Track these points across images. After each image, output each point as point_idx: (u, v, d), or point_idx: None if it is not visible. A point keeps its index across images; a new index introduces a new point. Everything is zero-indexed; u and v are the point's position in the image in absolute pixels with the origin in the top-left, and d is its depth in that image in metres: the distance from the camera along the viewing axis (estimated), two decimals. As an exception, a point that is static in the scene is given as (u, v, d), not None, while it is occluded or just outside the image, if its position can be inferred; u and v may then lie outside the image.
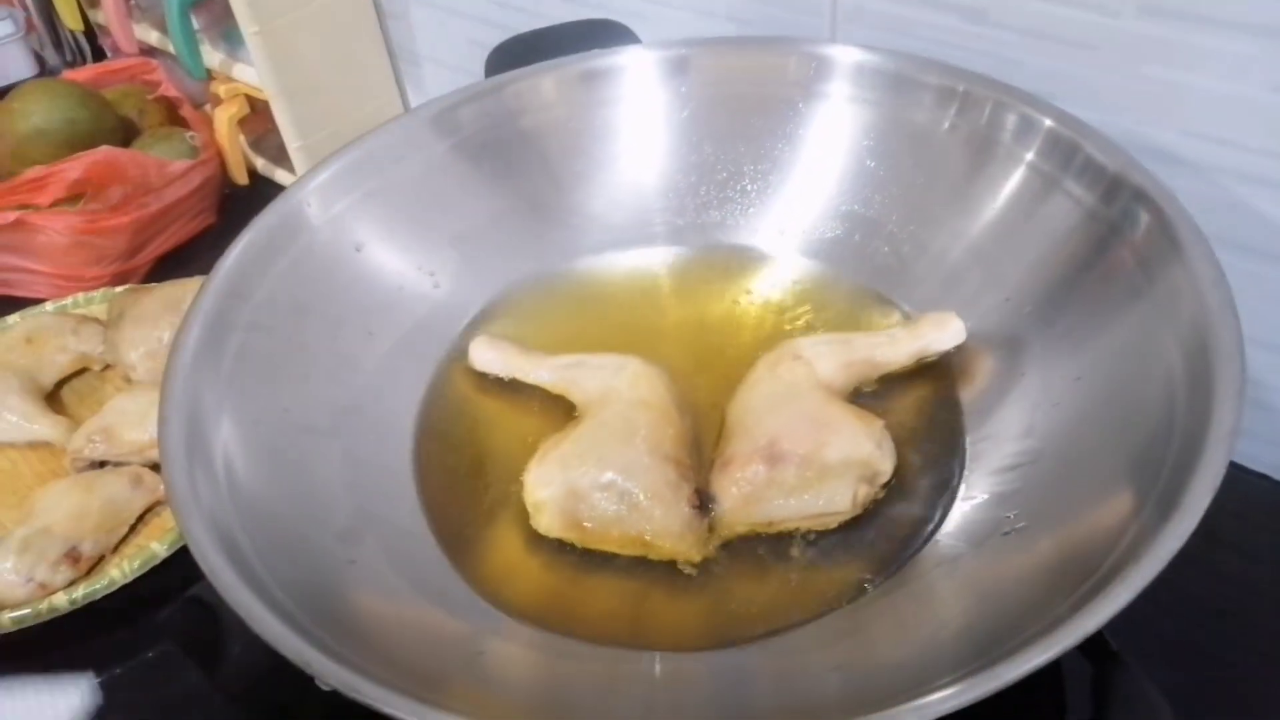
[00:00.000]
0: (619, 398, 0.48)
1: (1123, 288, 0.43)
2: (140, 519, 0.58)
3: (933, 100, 0.53)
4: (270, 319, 0.49)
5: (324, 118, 0.82)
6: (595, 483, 0.44)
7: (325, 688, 0.42)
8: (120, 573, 0.54)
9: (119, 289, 0.73)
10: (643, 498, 0.43)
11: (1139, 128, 0.50)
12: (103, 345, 0.68)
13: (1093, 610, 0.30)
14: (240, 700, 0.50)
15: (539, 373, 0.51)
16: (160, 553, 0.55)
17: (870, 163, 0.55)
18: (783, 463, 0.43)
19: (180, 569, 0.55)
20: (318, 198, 0.54)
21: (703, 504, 0.44)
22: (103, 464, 0.60)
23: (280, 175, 0.87)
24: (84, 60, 1.03)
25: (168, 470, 0.39)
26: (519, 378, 0.52)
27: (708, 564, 0.43)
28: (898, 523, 0.44)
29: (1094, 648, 0.34)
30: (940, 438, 0.47)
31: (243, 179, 0.88)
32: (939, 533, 0.43)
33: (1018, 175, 0.50)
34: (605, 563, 0.44)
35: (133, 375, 0.66)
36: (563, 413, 0.50)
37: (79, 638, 0.53)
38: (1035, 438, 0.44)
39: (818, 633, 0.40)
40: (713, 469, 0.46)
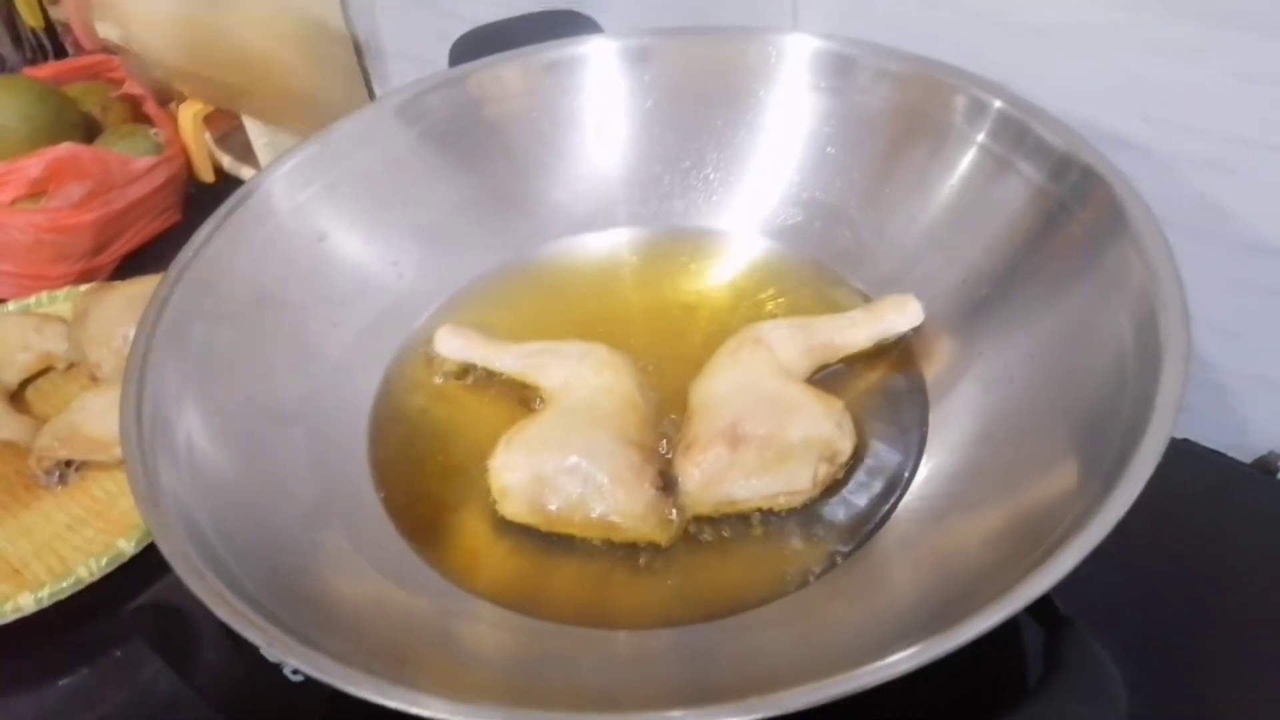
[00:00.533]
0: (584, 384, 0.48)
1: (1074, 264, 0.44)
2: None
3: (888, 86, 0.53)
4: (233, 309, 0.49)
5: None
6: (560, 467, 0.44)
7: (293, 675, 0.43)
8: (87, 571, 0.53)
9: (83, 287, 0.73)
10: (606, 481, 0.44)
11: (1097, 113, 0.51)
12: (67, 344, 0.67)
13: (1040, 575, 0.31)
14: (212, 697, 0.50)
15: (504, 360, 0.52)
16: (128, 550, 0.55)
17: (831, 149, 0.56)
18: (744, 444, 0.44)
19: (148, 566, 0.54)
20: (280, 188, 0.54)
21: (666, 486, 0.45)
22: (69, 463, 0.60)
23: (246, 172, 0.87)
24: (45, 57, 1.02)
25: (129, 458, 0.39)
26: (485, 365, 0.52)
27: (671, 545, 0.44)
28: (858, 501, 0.44)
29: (1045, 613, 0.35)
30: (900, 416, 0.47)
31: (208, 176, 0.87)
32: (897, 509, 0.44)
33: (970, 156, 0.51)
34: (570, 545, 0.45)
35: (98, 373, 0.66)
36: (527, 400, 0.51)
37: (46, 638, 0.52)
38: (992, 415, 0.45)
39: (779, 609, 0.41)
40: (676, 452, 0.46)
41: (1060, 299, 0.44)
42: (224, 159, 0.88)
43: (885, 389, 0.49)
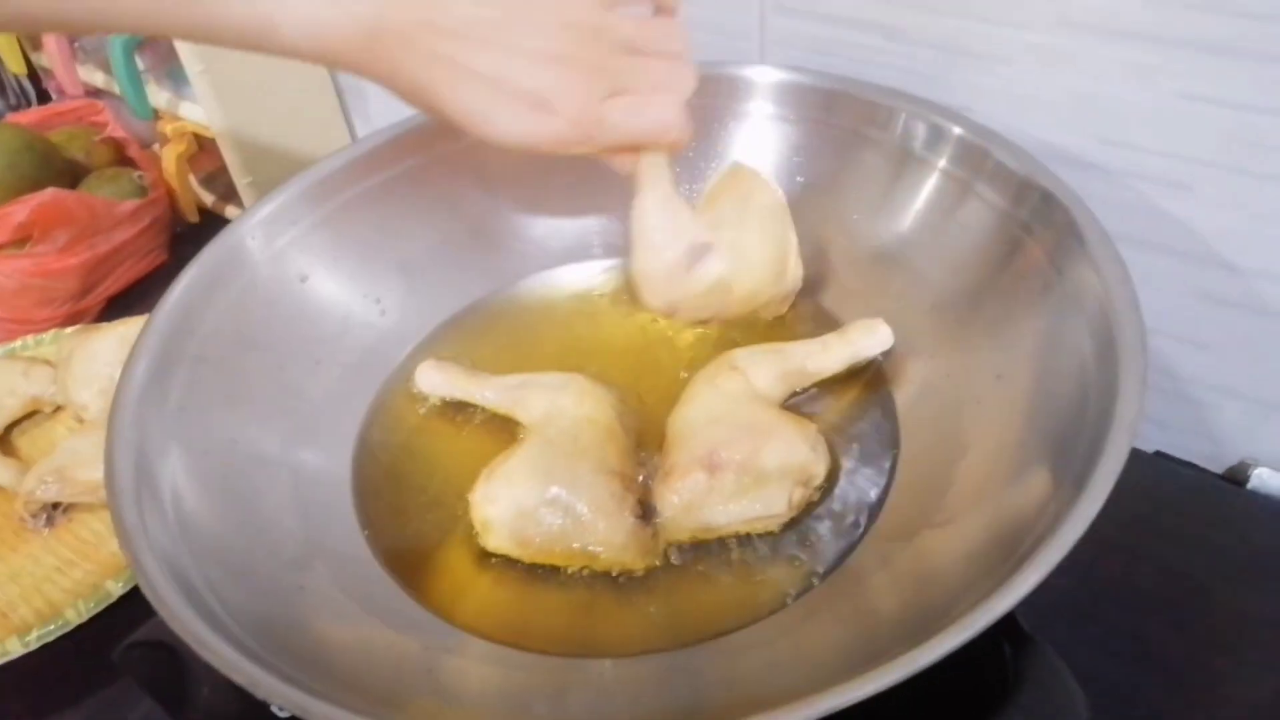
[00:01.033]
0: (564, 415, 0.49)
1: (1036, 284, 0.45)
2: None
3: (851, 115, 0.55)
4: (216, 352, 0.50)
5: (272, 153, 0.83)
6: (541, 499, 0.45)
7: (281, 713, 0.43)
8: (75, 613, 0.54)
9: (69, 330, 0.73)
10: (587, 511, 0.45)
11: (1054, 136, 0.52)
12: (53, 387, 0.68)
13: (1015, 584, 0.32)
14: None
15: (485, 393, 0.52)
16: (115, 591, 0.55)
17: (800, 179, 0.57)
18: (721, 470, 0.45)
19: (136, 607, 0.54)
20: (262, 231, 0.55)
21: (646, 514, 0.45)
22: (56, 505, 0.60)
23: (231, 211, 0.88)
24: (29, 103, 1.03)
25: (115, 504, 0.39)
26: (466, 399, 0.53)
27: (652, 572, 0.45)
28: (833, 522, 0.45)
29: (1009, 631, 0.35)
30: (873, 438, 0.49)
31: (193, 216, 0.88)
32: (872, 528, 0.44)
33: (933, 182, 0.52)
34: (553, 576, 0.45)
35: (84, 415, 0.66)
36: (507, 432, 0.51)
37: (34, 680, 0.53)
38: (962, 434, 0.46)
39: (760, 631, 0.42)
40: (655, 480, 0.47)
41: (1025, 319, 0.45)
42: (208, 199, 0.89)
43: (858, 412, 0.50)
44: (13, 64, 0.97)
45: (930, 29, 0.54)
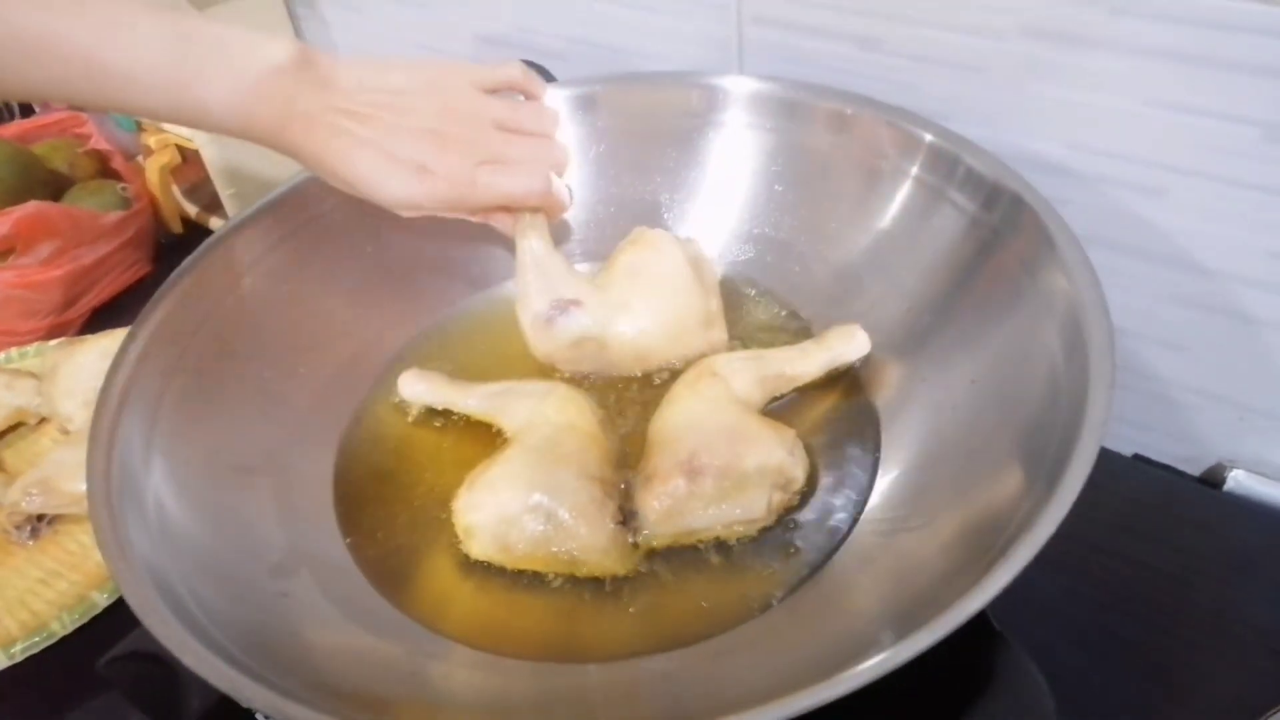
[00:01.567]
0: (545, 422, 0.49)
1: (1008, 289, 0.46)
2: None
3: (825, 124, 0.56)
4: (199, 362, 0.50)
5: (255, 165, 0.83)
6: (524, 505, 0.45)
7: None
8: (60, 624, 0.54)
9: (53, 342, 0.73)
10: (569, 517, 0.45)
11: (1028, 143, 0.53)
12: (38, 399, 0.68)
13: (977, 592, 0.32)
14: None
15: (468, 401, 0.53)
16: (100, 602, 0.55)
17: (778, 187, 0.58)
18: (701, 475, 0.45)
19: (121, 618, 0.54)
20: (246, 240, 0.55)
21: (627, 520, 0.46)
22: (41, 517, 0.60)
23: (214, 222, 0.88)
24: (11, 116, 1.03)
25: (96, 514, 0.40)
26: (449, 407, 0.53)
27: (633, 577, 0.45)
28: (813, 525, 0.46)
29: (979, 629, 0.36)
30: (852, 442, 0.49)
31: (177, 227, 0.88)
32: (852, 531, 0.45)
33: (906, 189, 0.53)
34: (536, 582, 0.46)
35: (69, 426, 0.66)
36: (489, 440, 0.52)
37: (20, 692, 0.53)
38: (939, 437, 0.46)
39: (742, 633, 0.42)
40: (636, 485, 0.47)
41: (997, 323, 0.46)
42: (191, 210, 0.89)
43: (837, 417, 0.51)
44: (-4, 76, 0.97)
45: (905, 39, 0.55)
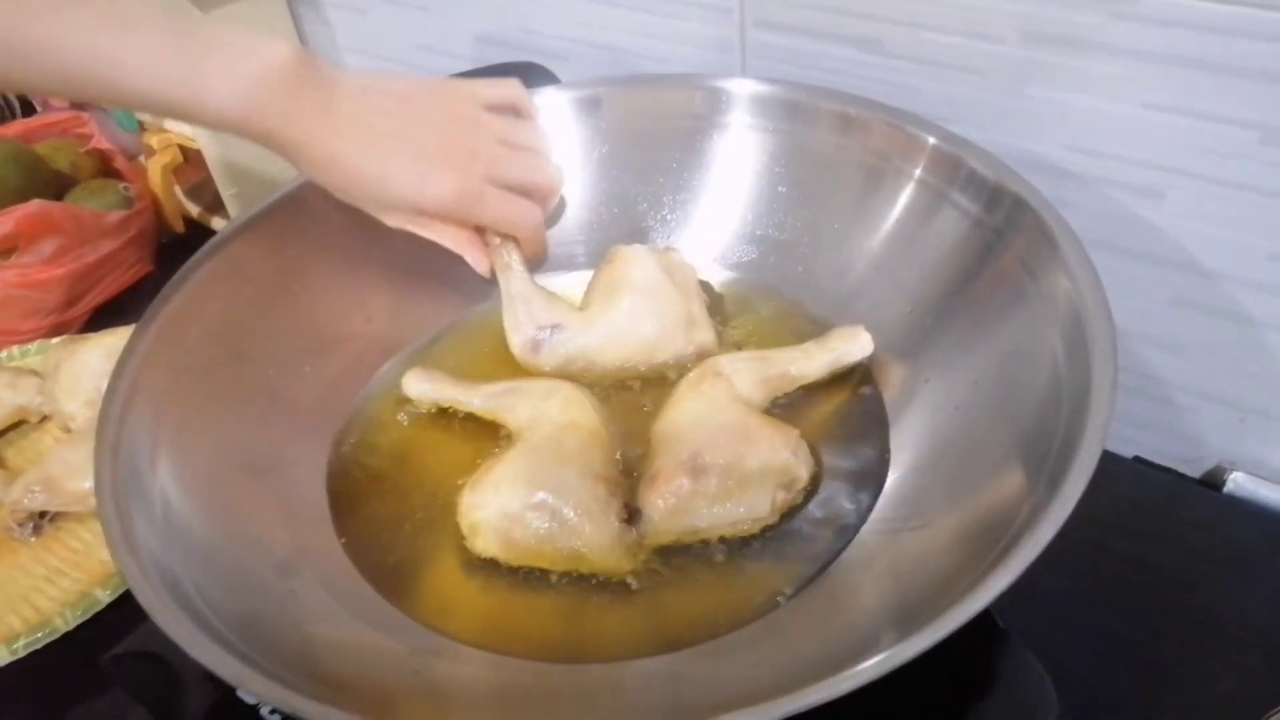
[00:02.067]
0: (549, 421, 0.49)
1: (1010, 290, 0.46)
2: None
3: (828, 125, 0.56)
4: (204, 362, 0.50)
5: (257, 165, 0.84)
6: (528, 503, 0.46)
7: (271, 715, 0.43)
8: (63, 620, 0.54)
9: (55, 340, 0.73)
10: (573, 515, 0.45)
11: (1027, 145, 0.54)
12: (40, 397, 0.68)
13: (995, 578, 0.32)
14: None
15: (472, 400, 0.53)
16: (103, 599, 0.55)
17: (782, 188, 0.58)
18: (705, 474, 0.45)
19: (124, 615, 0.55)
20: (251, 239, 0.55)
21: (631, 518, 0.46)
22: (43, 515, 0.60)
23: (216, 222, 0.88)
24: (13, 115, 1.03)
25: (104, 509, 0.40)
26: (453, 406, 0.54)
27: (638, 576, 0.45)
28: (817, 525, 0.46)
29: (983, 627, 0.36)
30: (855, 442, 0.49)
31: (179, 227, 0.88)
32: (855, 532, 0.45)
33: (909, 191, 0.53)
34: (540, 580, 0.46)
35: (72, 425, 0.66)
36: (492, 439, 0.52)
37: (23, 688, 0.53)
38: (942, 438, 0.47)
39: (746, 633, 0.42)
40: (640, 484, 0.47)
41: (999, 324, 0.46)
42: (194, 209, 0.89)
43: (841, 417, 0.51)
44: (-2, 76, 0.97)
45: (906, 42, 0.55)
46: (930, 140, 0.52)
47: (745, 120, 0.58)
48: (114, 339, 0.68)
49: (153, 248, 0.84)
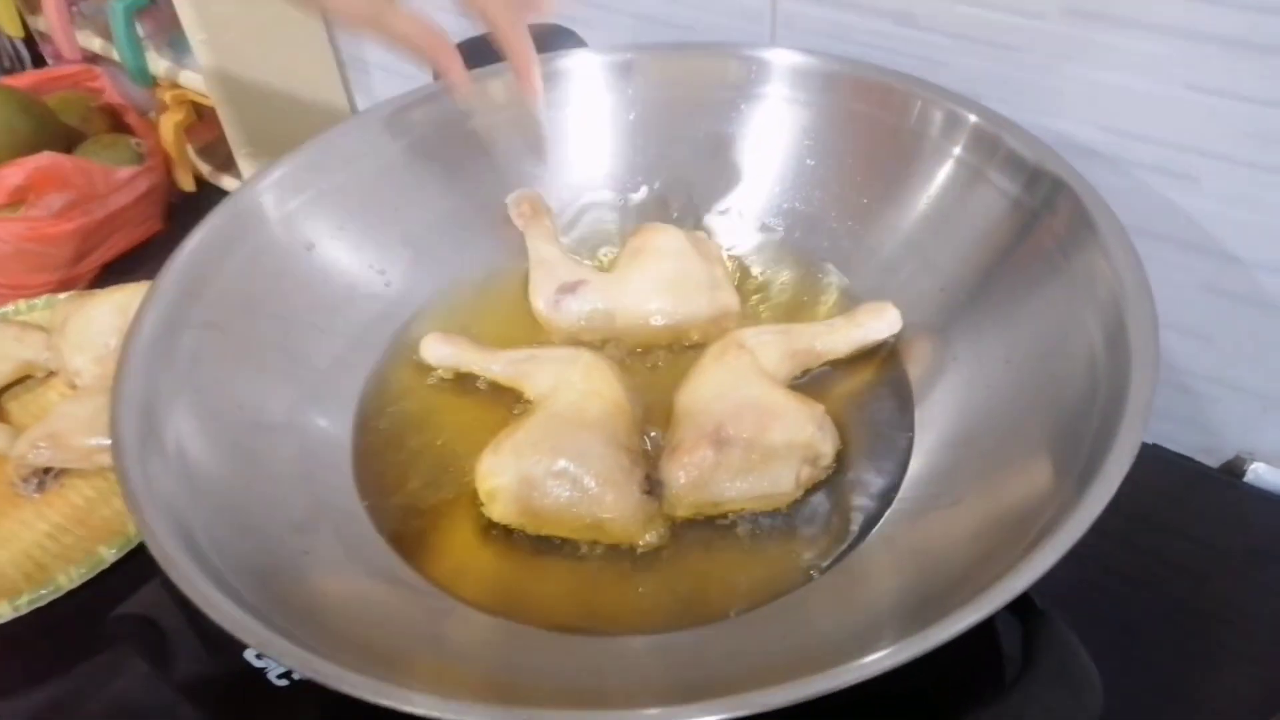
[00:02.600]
0: (571, 388, 0.49)
1: (1046, 272, 0.45)
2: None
3: (865, 101, 0.55)
4: (222, 317, 0.49)
5: (271, 124, 0.82)
6: (549, 470, 0.45)
7: (278, 680, 0.43)
8: (67, 578, 0.53)
9: (62, 295, 0.72)
10: (595, 484, 0.44)
11: (1060, 124, 0.53)
12: (47, 352, 0.67)
13: (1018, 575, 0.32)
14: (196, 701, 0.50)
15: (492, 366, 0.52)
16: (108, 557, 0.54)
17: (810, 161, 0.58)
18: (729, 447, 0.45)
19: (129, 573, 0.54)
20: (270, 197, 0.54)
21: (653, 488, 0.45)
22: (47, 471, 0.59)
23: (227, 182, 0.87)
24: (24, 67, 1.02)
25: (121, 460, 0.39)
26: (473, 371, 0.53)
27: (658, 547, 0.45)
28: (841, 502, 0.45)
29: (1022, 606, 0.36)
30: (882, 419, 0.49)
31: (189, 185, 0.87)
32: (881, 510, 0.44)
33: (946, 169, 0.52)
34: (557, 549, 0.45)
35: (78, 381, 0.65)
36: (510, 405, 0.51)
37: (25, 645, 0.52)
38: (971, 418, 0.46)
39: (766, 610, 0.42)
40: (662, 455, 0.47)
41: (1034, 307, 0.46)
42: (205, 168, 0.88)
43: (868, 393, 0.50)
44: (9, 27, 0.95)
45: (942, 15, 0.54)
46: (971, 118, 0.51)
47: (780, 92, 0.57)
48: (123, 295, 0.67)
49: (163, 205, 0.83)
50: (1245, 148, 0.48)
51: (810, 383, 0.51)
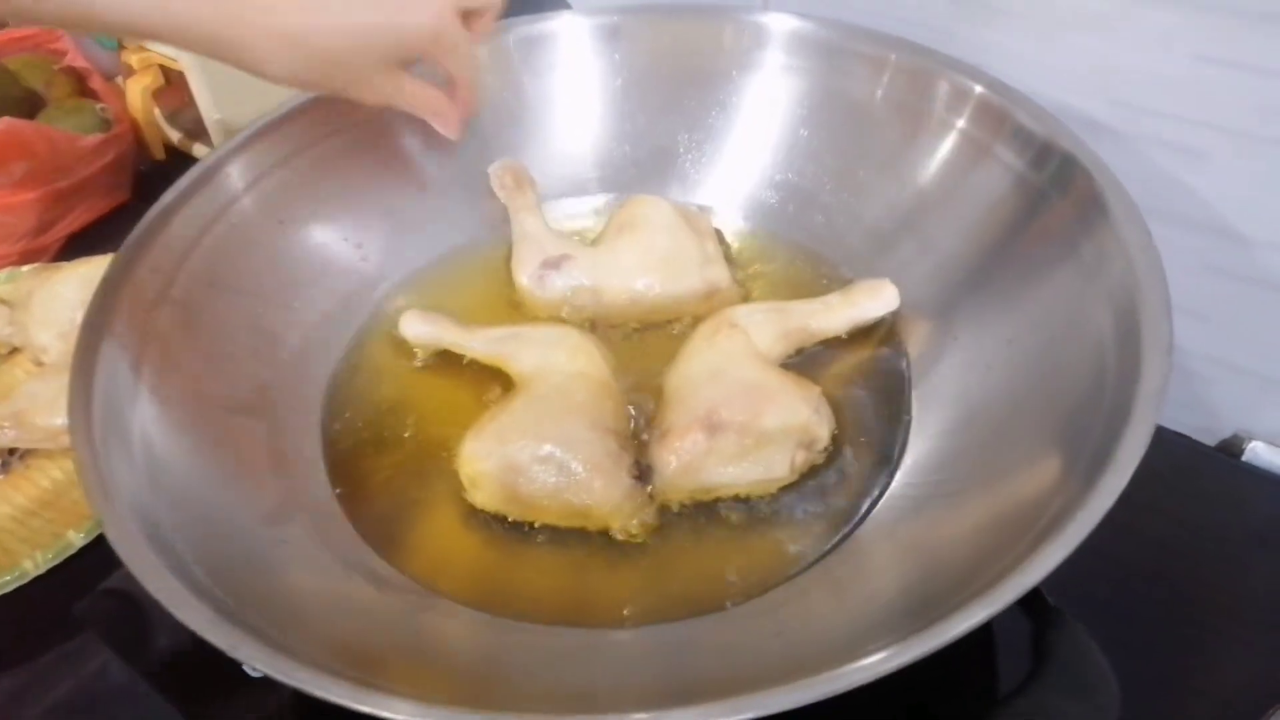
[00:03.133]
0: (557, 370, 0.47)
1: (1053, 252, 0.44)
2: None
3: (865, 69, 0.53)
4: (188, 294, 0.47)
5: (243, 90, 0.79)
6: (534, 455, 0.43)
7: (254, 673, 0.41)
8: (33, 564, 0.51)
9: (26, 268, 0.70)
10: (582, 469, 0.43)
11: (1065, 96, 0.51)
12: (10, 328, 0.64)
13: (1026, 570, 0.30)
14: (165, 689, 0.48)
15: (474, 345, 0.50)
16: (76, 542, 0.52)
17: (804, 132, 0.56)
18: (722, 431, 0.43)
19: (98, 558, 0.52)
20: (239, 167, 0.52)
21: (642, 474, 0.44)
22: (12, 451, 0.57)
23: (198, 149, 0.84)
24: (-18, 29, 0.98)
25: (80, 452, 0.37)
26: (454, 350, 0.51)
27: (648, 535, 0.43)
28: (838, 488, 0.44)
29: (1032, 605, 0.34)
30: (879, 401, 0.47)
31: (159, 153, 0.84)
32: (879, 496, 0.43)
33: (949, 142, 0.50)
34: (542, 537, 0.44)
35: (44, 358, 0.63)
36: (492, 385, 0.50)
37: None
38: (972, 401, 0.45)
39: (760, 602, 0.40)
40: (652, 439, 0.45)
41: (1038, 287, 0.44)
42: (174, 135, 0.85)
43: (865, 373, 0.49)
44: (-35, -16, 0.91)
45: (946, -20, 0.52)
46: (977, 89, 0.49)
47: (776, 59, 0.56)
48: (89, 268, 0.65)
49: (130, 174, 0.80)
50: (1257, 123, 0.46)
51: (804, 362, 0.49)
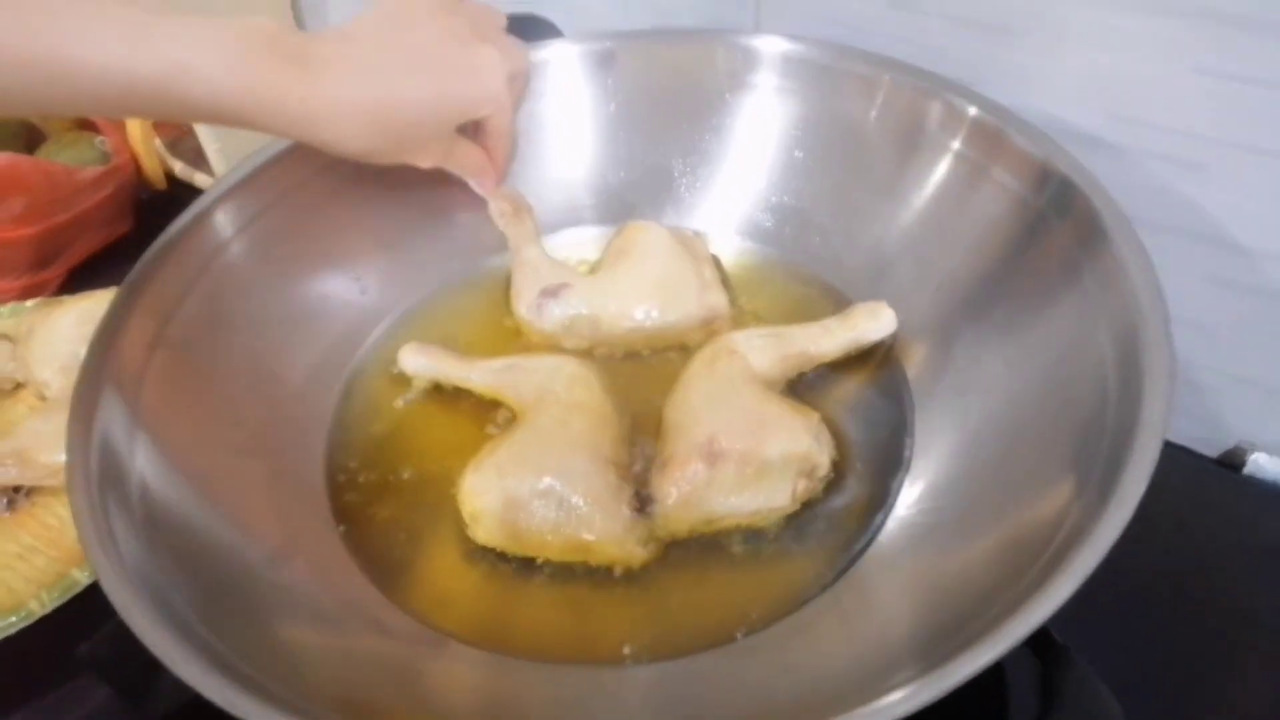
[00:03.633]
0: (555, 401, 0.47)
1: (1052, 275, 0.43)
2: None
3: (858, 90, 0.53)
4: (186, 334, 0.47)
5: (242, 119, 0.79)
6: (534, 490, 0.43)
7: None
8: (39, 603, 0.51)
9: (29, 303, 0.70)
10: (582, 503, 0.43)
11: (1063, 112, 0.51)
12: (12, 363, 0.65)
13: (1036, 604, 0.30)
14: (168, 728, 0.48)
15: (472, 376, 0.50)
16: (82, 580, 0.52)
17: (799, 154, 0.55)
18: (722, 461, 0.43)
19: (105, 598, 0.52)
20: (235, 204, 0.52)
21: (643, 506, 0.44)
22: (16, 489, 0.57)
23: (200, 179, 0.84)
24: (-19, 62, 0.98)
25: (77, 504, 0.37)
26: (452, 382, 0.51)
27: (649, 568, 0.43)
28: (841, 516, 0.44)
29: (1039, 643, 0.34)
30: (879, 427, 0.47)
31: (160, 183, 0.84)
32: (882, 525, 0.43)
33: (945, 164, 0.50)
34: (544, 571, 0.43)
35: (46, 393, 0.63)
36: (492, 418, 0.49)
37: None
38: (971, 424, 0.44)
39: (765, 635, 0.40)
40: (652, 470, 0.45)
41: (1039, 310, 0.44)
42: (176, 165, 0.85)
43: (864, 398, 0.48)
44: (-37, 19, 0.92)
45: (938, -2, 0.52)
46: (972, 110, 0.49)
47: (769, 81, 0.55)
48: (90, 303, 0.65)
49: (131, 205, 0.80)
50: (1256, 134, 0.46)
51: (804, 387, 0.49)
